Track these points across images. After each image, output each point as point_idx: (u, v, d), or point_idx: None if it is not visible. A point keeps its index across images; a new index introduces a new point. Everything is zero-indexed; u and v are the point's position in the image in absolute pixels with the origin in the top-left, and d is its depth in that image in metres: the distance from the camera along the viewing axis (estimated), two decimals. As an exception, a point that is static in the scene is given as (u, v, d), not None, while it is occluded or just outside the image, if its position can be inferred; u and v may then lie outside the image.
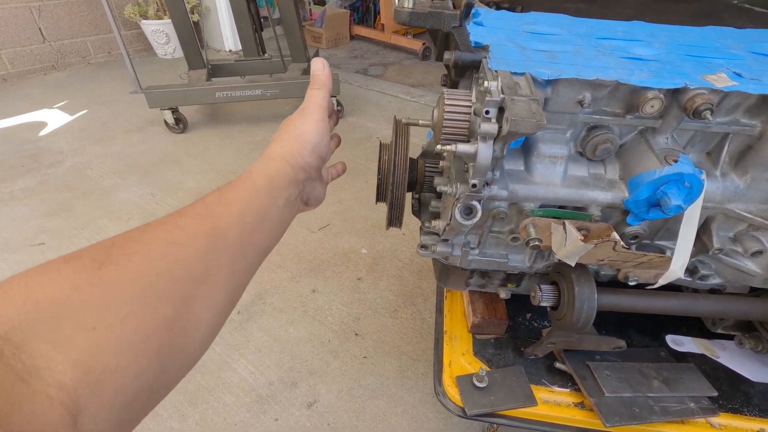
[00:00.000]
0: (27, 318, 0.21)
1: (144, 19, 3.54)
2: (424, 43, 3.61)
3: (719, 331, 0.85)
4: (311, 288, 1.35)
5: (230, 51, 3.94)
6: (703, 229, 0.70)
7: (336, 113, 0.55)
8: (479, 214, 0.63)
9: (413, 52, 3.78)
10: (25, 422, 0.19)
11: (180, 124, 2.36)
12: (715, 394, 0.76)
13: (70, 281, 0.23)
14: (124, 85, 3.02)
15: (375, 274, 1.39)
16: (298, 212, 0.46)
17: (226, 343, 1.17)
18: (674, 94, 0.58)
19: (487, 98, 0.52)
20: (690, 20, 0.72)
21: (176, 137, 2.35)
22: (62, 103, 2.77)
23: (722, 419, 0.74)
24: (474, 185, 0.57)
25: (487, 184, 0.60)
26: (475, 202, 0.62)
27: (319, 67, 0.48)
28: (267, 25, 3.02)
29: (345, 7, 4.30)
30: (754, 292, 0.77)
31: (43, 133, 2.39)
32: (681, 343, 0.88)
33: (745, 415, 0.75)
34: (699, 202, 0.62)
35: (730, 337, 0.87)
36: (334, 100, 2.44)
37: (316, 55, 2.84)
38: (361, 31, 4.20)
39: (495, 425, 0.99)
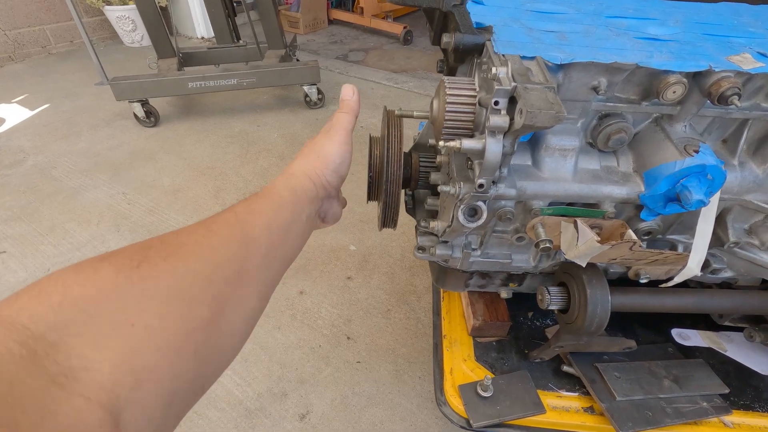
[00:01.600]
0: (64, 317, 0.21)
1: (107, 4, 3.33)
2: (405, 27, 3.51)
3: (726, 323, 0.83)
4: (298, 289, 1.28)
5: (202, 38, 3.76)
6: (718, 222, 0.65)
7: (344, 199, 0.57)
8: (485, 216, 0.57)
9: (394, 36, 3.67)
10: (59, 428, 0.18)
11: (151, 117, 2.23)
12: (727, 390, 0.73)
13: (110, 279, 0.23)
14: (89, 76, 2.84)
15: (365, 272, 1.33)
16: (316, 228, 0.47)
17: (210, 353, 1.10)
18: (695, 77, 0.53)
19: (496, 87, 0.45)
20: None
21: (148, 131, 2.21)
22: (21, 97, 2.59)
23: (735, 417, 0.71)
24: (481, 185, 0.51)
25: (494, 182, 0.54)
26: (480, 203, 0.56)
27: (348, 93, 0.50)
28: (240, 10, 2.87)
29: (321, -10, 4.14)
30: (766, 284, 0.74)
31: (0, 130, 2.23)
32: (687, 336, 0.85)
33: (758, 411, 0.72)
34: (717, 195, 0.58)
35: (736, 329, 0.84)
36: (314, 88, 2.34)
37: (294, 41, 2.72)
38: (339, 15, 4.06)
39: None
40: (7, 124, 2.29)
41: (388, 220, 0.74)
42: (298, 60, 2.64)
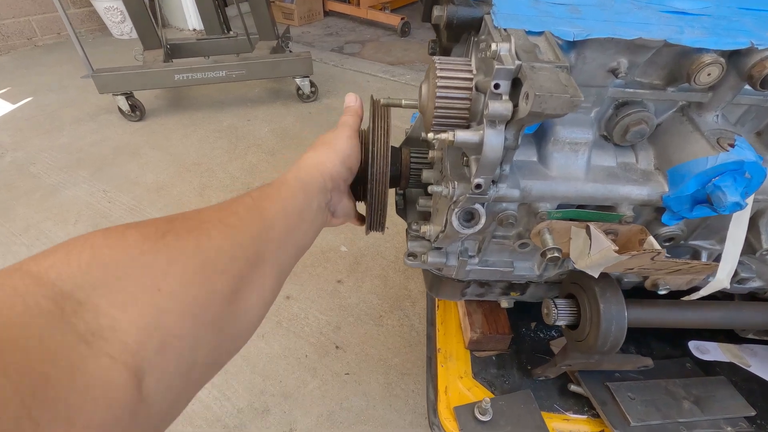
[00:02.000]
0: (92, 278, 0.21)
1: (95, -5, 3.23)
2: (402, 18, 3.41)
3: (750, 336, 0.75)
4: (284, 294, 1.20)
5: (194, 30, 3.65)
6: (750, 227, 0.57)
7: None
8: (483, 221, 0.49)
9: (391, 28, 3.57)
10: (87, 386, 0.18)
11: (136, 111, 2.14)
12: (753, 413, 0.66)
13: (137, 245, 0.23)
14: (76, 69, 2.74)
15: (356, 275, 1.25)
16: (327, 224, 0.48)
17: (188, 363, 1.02)
18: (732, 57, 0.44)
19: (496, 66, 0.37)
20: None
21: (133, 126, 2.13)
22: (3, 91, 2.50)
23: (762, 443, 0.63)
24: (478, 185, 0.43)
25: (493, 182, 0.46)
26: (477, 206, 0.48)
27: (351, 99, 0.54)
28: (231, 0, 2.77)
29: (317, -19, 4.03)
30: (798, 295, 0.66)
31: (-20, 124, 2.14)
32: (706, 350, 0.77)
33: (788, 436, 0.65)
34: (752, 197, 0.50)
35: (761, 342, 0.76)
36: (307, 81, 2.25)
37: (287, 32, 2.62)
38: (335, 6, 3.95)
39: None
40: (-13, 118, 2.20)
41: (374, 223, 0.66)
42: (291, 52, 2.54)
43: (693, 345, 0.78)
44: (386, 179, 0.60)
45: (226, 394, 0.96)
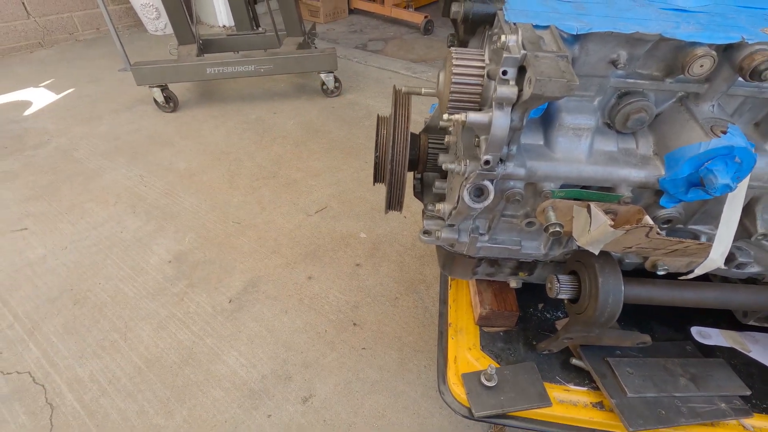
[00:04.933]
0: None
1: (132, -8, 3.38)
2: (426, 17, 3.45)
3: (751, 322, 0.78)
4: (307, 275, 1.27)
5: (224, 26, 3.78)
6: (746, 212, 0.61)
7: None
8: (491, 196, 0.54)
9: (415, 26, 3.61)
10: None
11: (170, 102, 2.25)
12: (748, 392, 0.69)
13: None
14: (113, 62, 2.89)
15: (375, 260, 1.31)
16: None
17: (217, 333, 1.11)
18: (726, 51, 0.49)
19: (504, 55, 0.43)
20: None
21: (166, 116, 2.24)
22: (48, 82, 2.66)
23: (756, 420, 0.67)
24: (487, 162, 0.49)
25: (501, 160, 0.51)
26: (486, 182, 0.53)
27: None
28: (260, -3, 2.86)
29: (343, -21, 4.10)
30: (797, 282, 0.69)
31: (28, 112, 2.29)
32: (708, 335, 0.80)
33: (781, 415, 0.68)
34: (745, 182, 0.54)
35: (763, 329, 0.79)
36: (331, 76, 2.32)
37: (313, 29, 2.70)
38: (360, 4, 4.02)
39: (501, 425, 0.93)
40: (34, 107, 2.35)
41: (393, 201, 0.72)
42: (316, 48, 2.62)
43: (695, 330, 0.81)
44: (406, 161, 0.66)
45: (251, 362, 1.04)
